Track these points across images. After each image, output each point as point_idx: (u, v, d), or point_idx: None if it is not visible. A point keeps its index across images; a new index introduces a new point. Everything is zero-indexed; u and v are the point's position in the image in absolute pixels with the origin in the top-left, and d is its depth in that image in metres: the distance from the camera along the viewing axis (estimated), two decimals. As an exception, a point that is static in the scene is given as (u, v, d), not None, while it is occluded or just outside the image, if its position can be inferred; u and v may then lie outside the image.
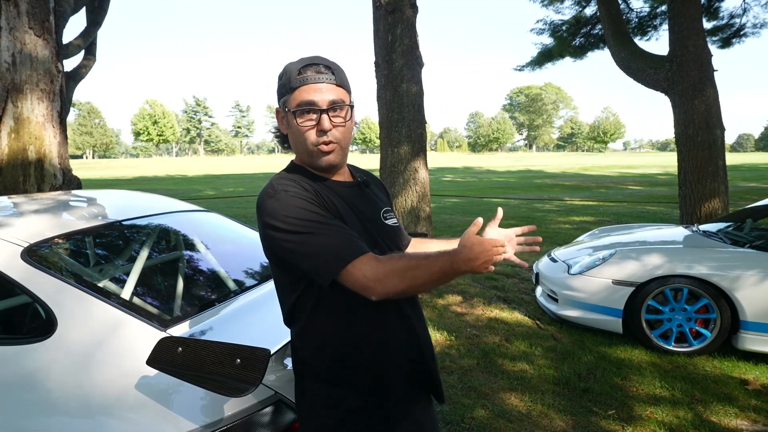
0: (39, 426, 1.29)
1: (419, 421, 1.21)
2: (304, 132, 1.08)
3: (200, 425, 1.23)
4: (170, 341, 1.14)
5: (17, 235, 1.67)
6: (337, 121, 1.08)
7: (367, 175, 1.29)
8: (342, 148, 1.11)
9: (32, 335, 1.46)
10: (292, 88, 1.07)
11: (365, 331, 1.10)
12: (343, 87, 1.10)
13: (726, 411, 2.58)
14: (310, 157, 1.11)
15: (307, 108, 1.06)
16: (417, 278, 0.98)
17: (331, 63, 1.11)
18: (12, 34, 3.95)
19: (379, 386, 1.11)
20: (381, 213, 1.21)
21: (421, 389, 1.22)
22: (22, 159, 4.05)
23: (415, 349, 1.16)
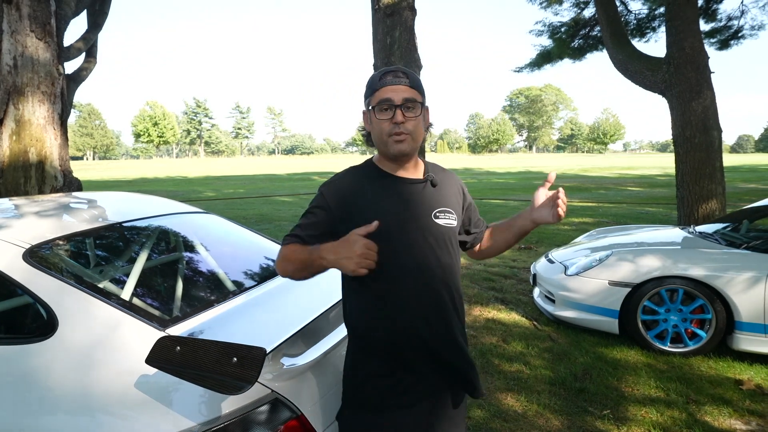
0: (41, 423, 1.31)
1: (441, 406, 1.33)
2: (380, 124, 1.26)
3: (198, 423, 1.25)
4: (169, 340, 1.16)
5: (19, 236, 1.70)
6: (409, 115, 1.25)
7: (442, 175, 1.41)
8: (413, 140, 1.27)
9: (34, 335, 1.49)
10: (374, 90, 1.27)
11: (383, 311, 1.26)
12: (416, 89, 1.27)
13: (720, 411, 2.60)
14: (384, 146, 1.28)
15: (385, 104, 1.24)
16: (288, 266, 1.24)
17: (407, 70, 1.30)
18: (14, 37, 3.99)
19: (400, 362, 1.26)
20: (433, 212, 1.31)
21: (450, 378, 1.33)
22: (24, 161, 4.08)
23: (431, 336, 1.27)
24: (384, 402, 1.27)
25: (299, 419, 1.38)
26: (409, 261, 1.26)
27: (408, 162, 1.33)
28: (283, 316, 1.48)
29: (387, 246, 1.25)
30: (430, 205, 1.32)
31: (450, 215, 1.35)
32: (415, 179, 1.34)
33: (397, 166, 1.33)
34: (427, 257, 1.28)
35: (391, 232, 1.25)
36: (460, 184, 1.47)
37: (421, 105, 1.29)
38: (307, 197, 15.27)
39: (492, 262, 6.09)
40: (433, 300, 1.28)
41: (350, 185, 1.32)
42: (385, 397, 1.27)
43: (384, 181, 1.32)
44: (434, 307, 1.28)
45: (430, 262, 1.28)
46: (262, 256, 2.29)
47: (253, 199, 15.36)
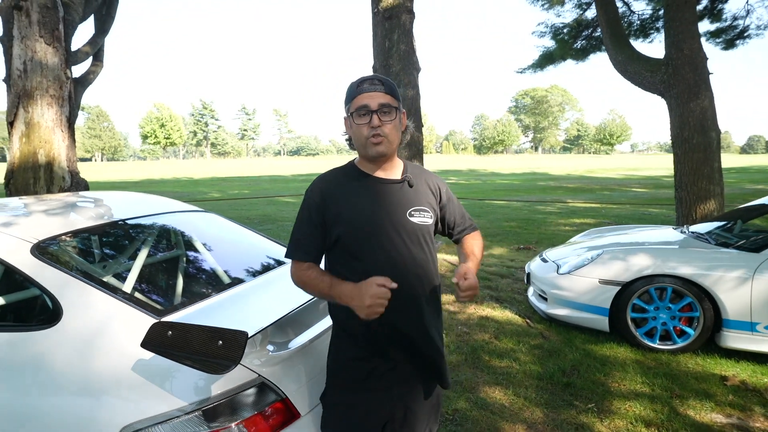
0: (46, 403, 1.42)
1: (414, 393, 1.45)
2: (360, 129, 1.36)
3: (189, 402, 1.36)
4: (161, 325, 1.27)
5: (27, 232, 1.82)
6: (385, 119, 1.35)
7: (418, 174, 1.50)
8: (390, 142, 1.37)
9: (40, 323, 1.60)
10: (353, 97, 1.37)
11: None
12: (391, 95, 1.37)
13: (702, 406, 2.67)
14: (364, 149, 1.37)
15: (362, 110, 1.34)
16: (307, 289, 1.41)
17: (382, 78, 1.40)
18: (23, 42, 4.14)
19: (376, 349, 1.38)
20: (408, 211, 1.40)
21: (421, 368, 1.44)
22: (33, 162, 4.22)
23: (404, 327, 1.37)
24: (362, 384, 1.39)
25: (284, 402, 1.48)
26: (384, 256, 1.35)
27: (386, 163, 1.43)
28: (270, 306, 1.58)
29: (363, 242, 1.36)
30: (405, 203, 1.41)
31: (426, 213, 1.43)
32: (392, 179, 1.43)
33: (376, 167, 1.42)
34: (400, 253, 1.36)
35: (366, 229, 1.36)
36: (438, 184, 1.53)
37: (397, 110, 1.38)
38: (311, 198, 15.37)
39: (489, 262, 6.16)
40: (406, 294, 1.35)
41: (332, 185, 1.42)
42: (362, 379, 1.39)
43: (363, 181, 1.41)
44: (407, 300, 1.36)
45: (404, 257, 1.36)
46: (257, 253, 2.40)
47: (258, 199, 15.52)
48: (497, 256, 6.52)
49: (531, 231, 8.72)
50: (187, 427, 1.34)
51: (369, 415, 1.39)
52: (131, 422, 1.33)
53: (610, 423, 2.52)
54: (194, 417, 1.35)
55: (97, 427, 1.36)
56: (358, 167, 1.44)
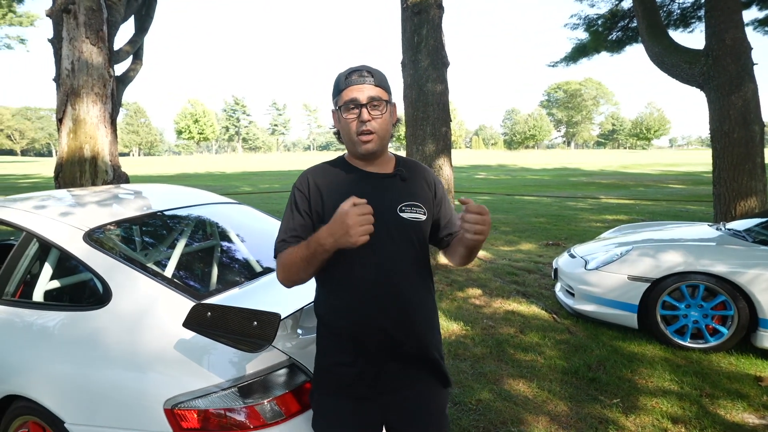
0: (99, 376, 1.56)
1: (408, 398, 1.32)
2: (348, 124, 1.28)
3: (226, 379, 1.46)
4: (201, 307, 1.37)
5: (79, 221, 1.97)
6: (375, 114, 1.27)
7: (412, 169, 1.40)
8: (380, 138, 1.29)
9: (92, 303, 1.74)
10: (340, 90, 1.29)
11: (344, 301, 1.29)
12: (381, 87, 1.29)
13: (734, 405, 2.62)
14: (353, 146, 1.30)
15: (350, 104, 1.26)
16: (289, 271, 1.26)
17: (372, 69, 1.31)
18: (71, 44, 4.38)
19: (362, 352, 1.27)
20: (399, 206, 1.30)
21: (415, 371, 1.32)
22: (79, 157, 4.48)
23: (390, 328, 1.26)
24: (347, 391, 1.29)
25: (313, 382, 1.56)
26: (370, 253, 1.24)
27: (378, 158, 1.35)
28: (299, 292, 1.66)
29: None
30: (396, 199, 1.31)
31: (418, 209, 1.33)
32: (383, 174, 1.35)
33: (367, 162, 1.34)
34: (388, 250, 1.26)
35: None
36: (432, 180, 1.43)
37: (387, 103, 1.30)
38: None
39: (518, 257, 6.13)
40: (393, 293, 1.26)
41: (321, 180, 1.34)
42: (347, 386, 1.29)
43: (353, 176, 1.33)
44: (393, 299, 1.26)
45: (392, 255, 1.27)
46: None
47: (288, 193, 15.81)
48: (525, 252, 6.47)
49: (560, 227, 8.58)
50: (224, 401, 1.45)
51: (357, 424, 1.30)
52: (174, 395, 1.45)
53: (636, 419, 2.50)
54: (231, 393, 1.46)
55: (144, 398, 1.49)
56: (348, 162, 1.37)
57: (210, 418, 1.44)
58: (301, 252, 1.21)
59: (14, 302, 1.92)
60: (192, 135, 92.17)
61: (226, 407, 1.44)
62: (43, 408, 1.63)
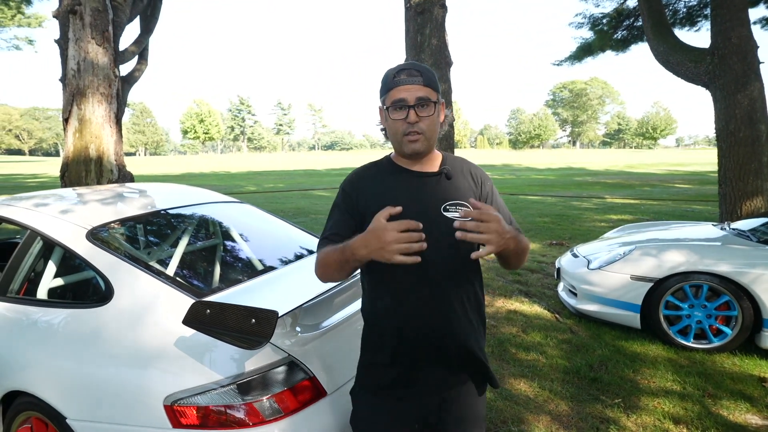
0: (101, 372, 1.58)
1: (450, 401, 1.31)
2: (395, 124, 1.27)
3: (225, 376, 1.48)
4: (200, 304, 1.38)
5: (82, 219, 1.99)
6: (423, 114, 1.25)
7: (458, 166, 1.38)
8: (427, 139, 1.28)
9: (94, 301, 1.76)
10: (389, 89, 1.27)
11: (386, 302, 1.29)
12: (430, 87, 1.27)
13: (737, 406, 2.60)
14: (399, 146, 1.30)
15: (399, 104, 1.25)
16: (325, 270, 1.25)
17: (421, 67, 1.29)
18: (77, 44, 4.42)
19: (406, 354, 1.27)
20: (443, 205, 1.29)
21: (458, 374, 1.31)
22: (85, 156, 4.52)
23: (432, 330, 1.26)
24: (386, 391, 1.30)
25: (311, 380, 1.58)
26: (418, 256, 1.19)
27: (424, 158, 1.34)
28: (299, 291, 1.68)
29: None
30: (440, 198, 1.30)
31: (463, 208, 1.30)
32: (429, 172, 1.33)
33: (413, 161, 1.33)
34: (431, 251, 1.19)
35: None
36: (479, 177, 1.40)
37: (435, 103, 1.28)
38: (344, 192, 15.57)
39: (521, 257, 6.11)
40: (435, 293, 1.26)
41: (368, 179, 1.35)
42: (387, 386, 1.29)
43: (398, 176, 1.33)
44: (436, 300, 1.26)
45: (436, 257, 1.24)
46: (290, 243, 2.52)
47: (292, 193, 15.87)
48: (529, 251, 6.44)
49: (564, 227, 8.55)
50: (224, 398, 1.46)
51: (394, 422, 1.30)
52: (174, 392, 1.47)
53: (637, 419, 2.49)
54: (230, 390, 1.47)
55: (144, 394, 1.50)
56: (394, 161, 1.37)
57: (209, 414, 1.45)
58: (336, 255, 1.20)
59: (18, 299, 1.94)
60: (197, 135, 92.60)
61: (226, 404, 1.46)
62: (46, 404, 1.65)
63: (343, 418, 1.59)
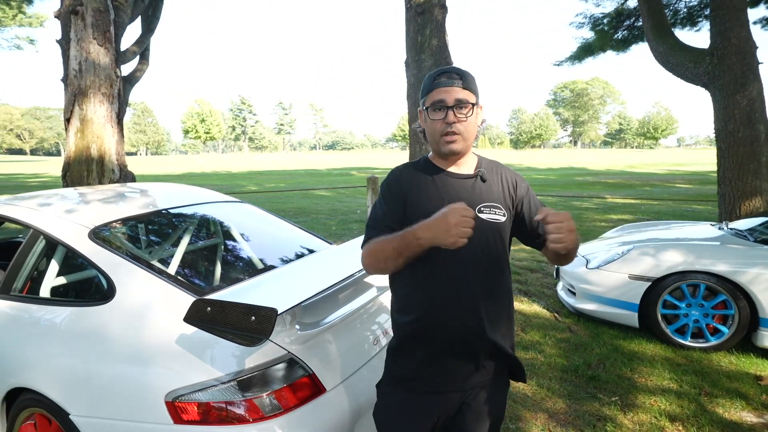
0: (103, 369, 1.60)
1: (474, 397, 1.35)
2: (434, 124, 1.31)
3: (225, 373, 1.50)
4: (201, 302, 1.41)
5: (84, 219, 2.02)
6: (461, 116, 1.29)
7: (493, 169, 1.42)
8: (464, 139, 1.31)
9: (97, 299, 1.79)
10: (429, 90, 1.32)
11: (419, 299, 1.32)
12: (469, 90, 1.31)
13: (733, 404, 2.62)
14: (437, 146, 1.34)
15: (438, 105, 1.29)
16: (377, 258, 1.27)
17: (461, 71, 1.33)
18: (79, 44, 4.45)
19: (436, 350, 1.31)
20: (477, 207, 1.32)
21: (488, 369, 1.35)
22: (86, 156, 4.55)
23: (464, 329, 1.29)
24: (417, 383, 1.33)
25: (310, 377, 1.60)
26: (448, 254, 1.24)
27: (461, 159, 1.37)
28: (298, 289, 1.70)
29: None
30: (476, 200, 1.34)
31: (497, 210, 1.35)
32: (465, 174, 1.37)
33: (450, 162, 1.37)
34: (466, 251, 1.23)
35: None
36: (514, 179, 1.44)
37: (474, 105, 1.31)
38: (346, 192, 15.63)
39: (521, 257, 6.14)
40: (468, 293, 1.29)
41: (407, 178, 1.37)
42: (417, 379, 1.33)
43: (435, 177, 1.36)
44: (468, 297, 1.29)
45: (469, 256, 1.28)
46: (290, 242, 2.54)
47: (293, 192, 15.90)
48: (528, 251, 6.47)
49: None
50: (224, 395, 1.49)
51: (416, 415, 1.33)
52: (175, 388, 1.49)
53: (634, 416, 2.52)
54: (230, 386, 1.49)
55: (146, 391, 1.53)
56: (432, 162, 1.40)
57: (210, 410, 1.48)
58: (395, 242, 1.22)
59: (22, 298, 1.97)
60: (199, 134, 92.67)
61: (226, 400, 1.48)
62: (49, 400, 1.67)
63: (342, 415, 1.62)
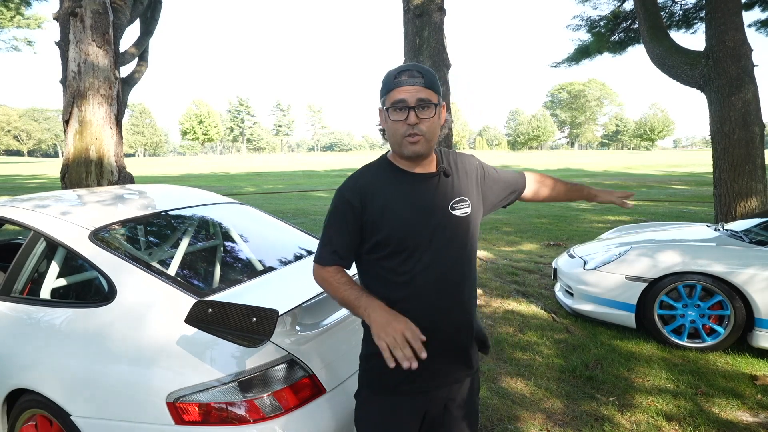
0: (104, 370, 1.61)
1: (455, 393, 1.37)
2: (395, 125, 1.26)
3: (226, 374, 1.51)
4: (203, 303, 1.42)
5: (85, 221, 2.03)
6: (423, 116, 1.24)
7: (455, 161, 1.40)
8: (427, 140, 1.27)
9: (97, 301, 1.80)
10: (389, 89, 1.26)
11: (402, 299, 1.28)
12: (431, 89, 1.26)
13: (729, 403, 2.65)
14: (399, 147, 1.28)
15: (399, 105, 1.24)
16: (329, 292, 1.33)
17: (423, 69, 1.28)
18: (78, 46, 4.46)
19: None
20: (450, 204, 1.31)
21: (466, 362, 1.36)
22: (85, 157, 4.56)
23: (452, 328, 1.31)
24: (397, 388, 1.31)
25: (311, 377, 1.62)
26: (427, 257, 1.26)
27: (423, 160, 1.33)
28: (299, 290, 1.71)
29: (405, 247, 1.27)
30: (446, 197, 1.32)
31: (464, 203, 1.34)
32: (429, 173, 1.34)
33: (412, 163, 1.33)
34: (447, 251, 1.26)
35: (410, 232, 1.27)
36: (475, 165, 1.44)
37: (436, 105, 1.27)
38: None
39: (518, 258, 6.16)
40: (453, 292, 1.30)
41: (368, 185, 1.31)
42: (398, 383, 1.30)
43: (399, 178, 1.32)
44: (454, 299, 1.30)
45: (449, 256, 1.28)
46: (289, 244, 2.56)
47: (291, 194, 15.90)
48: (526, 252, 6.50)
49: (562, 227, 8.60)
50: (225, 395, 1.50)
51: (405, 417, 1.32)
52: (176, 389, 1.50)
53: (631, 416, 2.54)
54: (231, 387, 1.51)
55: (147, 392, 1.54)
56: (393, 162, 1.35)
57: (211, 411, 1.49)
58: (347, 296, 1.27)
59: (22, 299, 1.98)
60: (197, 136, 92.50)
61: (227, 401, 1.49)
62: (50, 401, 1.68)
63: (342, 415, 1.63)
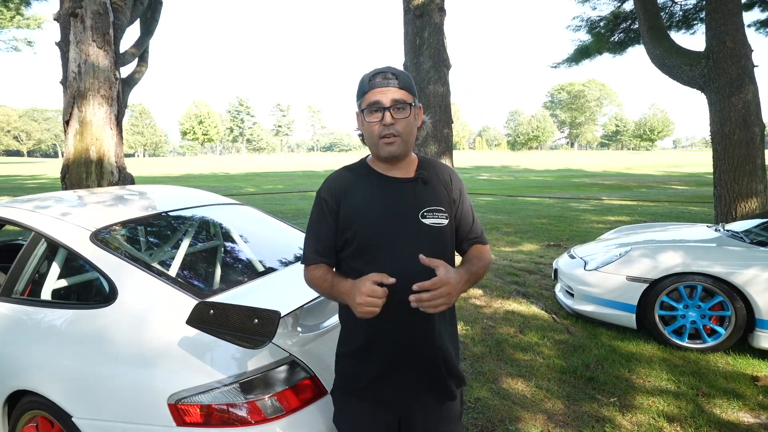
0: (105, 372, 1.61)
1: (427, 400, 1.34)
2: (371, 126, 1.28)
3: (228, 375, 1.51)
4: (204, 305, 1.42)
5: (86, 221, 2.02)
6: (398, 116, 1.26)
7: (433, 170, 1.38)
8: (403, 141, 1.28)
9: (99, 302, 1.79)
10: (364, 92, 1.29)
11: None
12: (406, 90, 1.28)
13: (730, 404, 2.64)
14: (376, 149, 1.30)
15: (374, 107, 1.26)
16: (317, 289, 1.36)
17: (396, 71, 1.30)
18: (78, 47, 4.45)
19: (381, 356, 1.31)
20: (420, 212, 1.30)
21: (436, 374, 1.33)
22: (86, 158, 4.55)
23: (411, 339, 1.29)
24: (363, 393, 1.33)
25: (312, 379, 1.62)
26: (393, 263, 1.25)
27: (400, 162, 1.34)
28: (300, 291, 1.71)
29: (372, 247, 1.28)
30: (418, 204, 1.31)
31: (439, 214, 1.32)
32: (405, 178, 1.33)
33: (390, 165, 1.33)
34: (412, 259, 1.22)
35: (376, 233, 1.28)
36: (449, 179, 1.40)
37: (411, 105, 1.29)
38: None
39: (519, 258, 6.16)
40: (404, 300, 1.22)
41: (343, 185, 1.34)
42: (363, 388, 1.33)
43: (375, 181, 1.33)
44: (414, 309, 1.20)
45: (411, 265, 1.23)
46: (290, 244, 2.55)
47: (291, 194, 15.90)
48: (527, 253, 6.50)
49: (562, 228, 8.60)
50: (226, 397, 1.50)
51: (374, 424, 1.33)
52: (178, 390, 1.50)
53: (632, 417, 2.54)
54: (232, 388, 1.50)
55: (149, 393, 1.53)
56: (370, 166, 1.36)
57: (212, 412, 1.49)
58: (326, 286, 1.31)
59: (23, 300, 1.98)
60: (196, 136, 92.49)
61: (228, 402, 1.49)
62: (52, 403, 1.68)
63: (343, 416, 1.63)
